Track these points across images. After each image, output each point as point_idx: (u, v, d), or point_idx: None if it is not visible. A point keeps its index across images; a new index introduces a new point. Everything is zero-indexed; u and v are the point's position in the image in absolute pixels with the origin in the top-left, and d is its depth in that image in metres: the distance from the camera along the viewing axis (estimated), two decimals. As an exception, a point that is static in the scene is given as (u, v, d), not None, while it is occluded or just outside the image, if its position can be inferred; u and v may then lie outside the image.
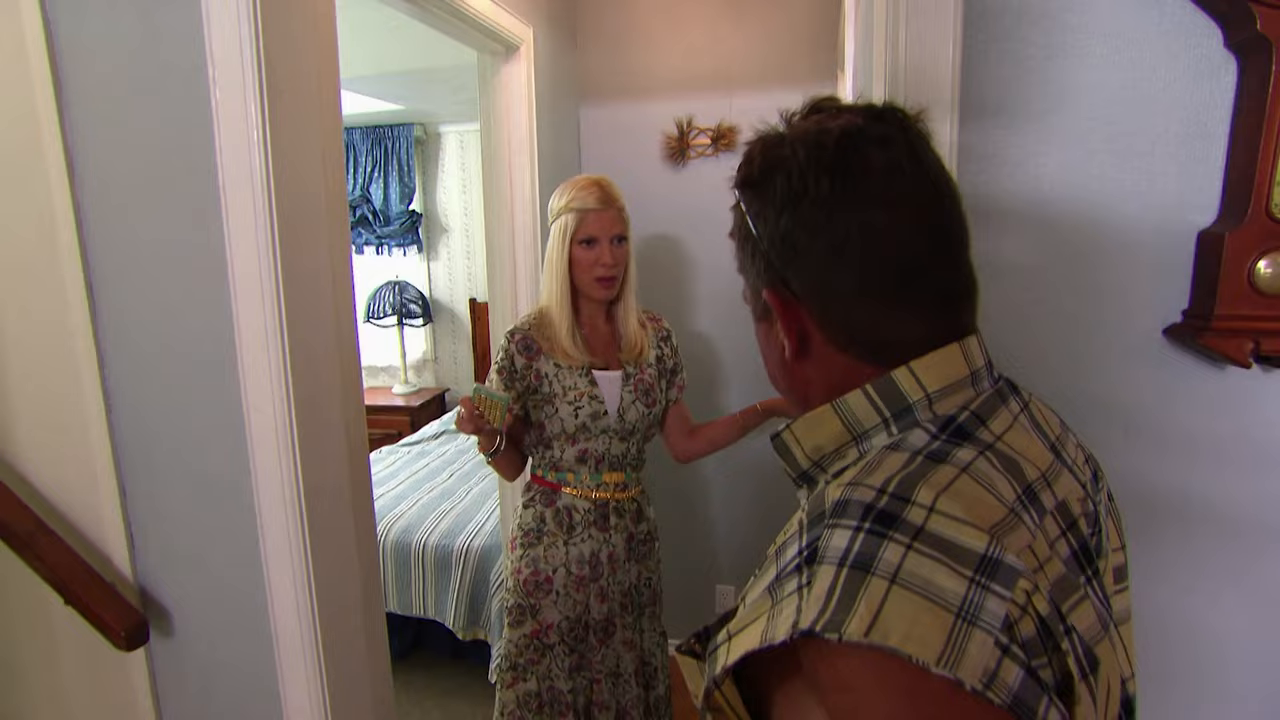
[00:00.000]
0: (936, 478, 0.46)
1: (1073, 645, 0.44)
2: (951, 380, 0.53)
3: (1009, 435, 0.53)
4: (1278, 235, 0.74)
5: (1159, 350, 0.82)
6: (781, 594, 0.46)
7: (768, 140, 0.58)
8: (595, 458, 1.58)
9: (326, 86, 1.24)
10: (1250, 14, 0.73)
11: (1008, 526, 0.45)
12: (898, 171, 0.52)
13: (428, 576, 2.50)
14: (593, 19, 2.50)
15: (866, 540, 0.43)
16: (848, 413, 0.55)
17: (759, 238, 0.57)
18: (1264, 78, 0.74)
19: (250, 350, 1.13)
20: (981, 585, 0.40)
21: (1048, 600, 0.43)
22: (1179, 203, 0.80)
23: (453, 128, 4.38)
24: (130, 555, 1.30)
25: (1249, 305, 0.76)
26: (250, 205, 1.08)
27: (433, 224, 4.55)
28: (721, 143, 2.49)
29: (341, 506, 1.30)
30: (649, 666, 1.69)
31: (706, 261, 2.55)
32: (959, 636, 0.38)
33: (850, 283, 0.53)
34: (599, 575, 1.59)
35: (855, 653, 0.39)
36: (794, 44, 2.37)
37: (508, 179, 2.11)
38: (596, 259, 1.54)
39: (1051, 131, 0.80)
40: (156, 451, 1.25)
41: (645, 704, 1.68)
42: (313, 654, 1.21)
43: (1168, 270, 0.81)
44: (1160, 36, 0.78)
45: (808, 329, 0.56)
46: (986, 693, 0.37)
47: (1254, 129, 0.75)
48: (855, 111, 0.55)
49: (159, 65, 1.11)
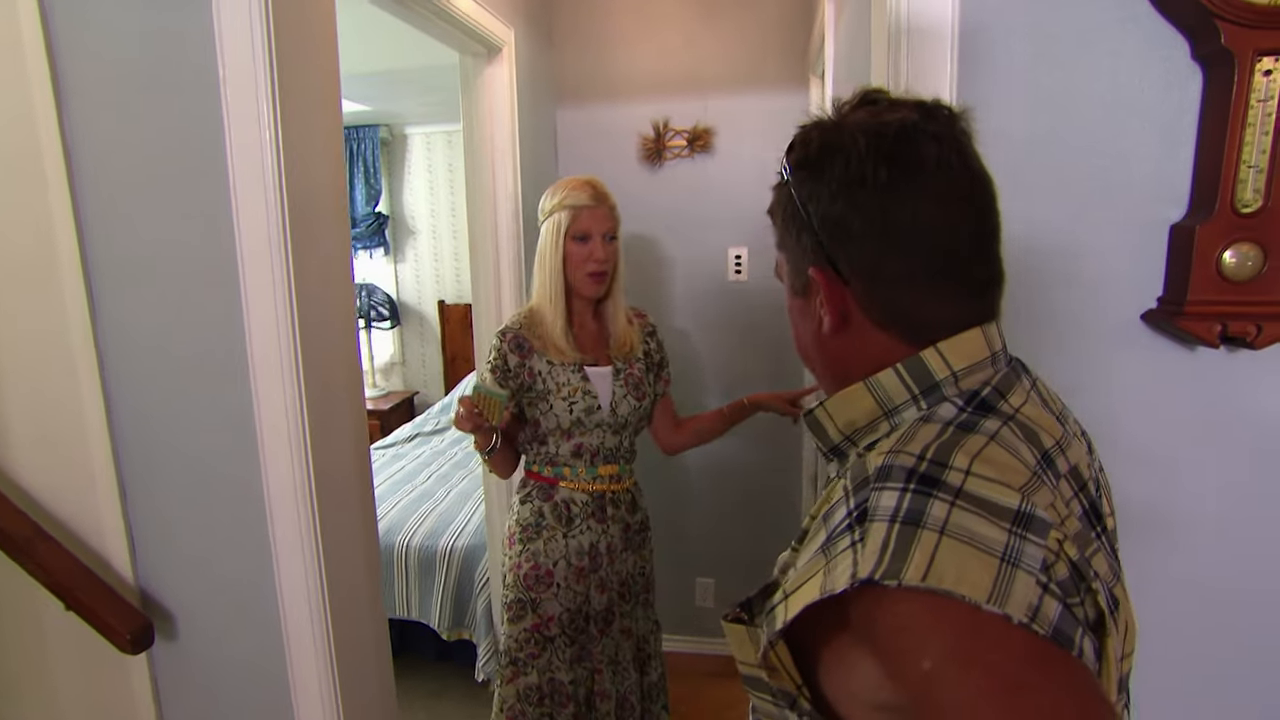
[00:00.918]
0: (969, 445, 0.51)
1: (1101, 585, 0.49)
2: (975, 360, 0.58)
3: (1025, 408, 0.58)
4: (1242, 228, 0.83)
5: (1137, 334, 0.90)
6: (835, 551, 0.50)
7: (825, 126, 0.61)
8: (590, 451, 1.62)
9: (329, 85, 1.25)
10: (1215, 29, 0.81)
11: (1033, 487, 0.50)
12: (947, 167, 0.56)
13: (411, 578, 2.49)
14: (569, 21, 2.53)
15: (914, 499, 0.48)
16: (880, 390, 0.59)
17: (809, 217, 0.60)
18: (1227, 87, 0.82)
19: (262, 348, 1.14)
20: (1019, 535, 0.45)
21: (1076, 548, 0.49)
22: (1153, 199, 0.88)
23: (419, 129, 4.35)
24: (131, 558, 1.28)
25: (1217, 291, 0.84)
26: (262, 205, 1.09)
27: (399, 226, 4.51)
28: (697, 144, 2.55)
29: (350, 500, 1.31)
30: (643, 653, 1.74)
31: (683, 260, 2.60)
32: (1004, 578, 0.43)
33: (897, 268, 0.57)
34: (598, 566, 1.62)
35: (912, 597, 0.44)
36: (766, 49, 2.44)
37: (490, 180, 2.13)
38: (589, 254, 1.58)
39: (1038, 135, 0.87)
40: (158, 452, 1.24)
41: (641, 689, 1.72)
42: (324, 646, 1.22)
43: (1144, 260, 0.89)
44: (1135, 48, 0.86)
45: (849, 308, 0.60)
46: (1031, 625, 0.42)
47: (1219, 133, 0.83)
48: (908, 106, 0.58)
49: (166, 64, 1.11)
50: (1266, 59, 0.80)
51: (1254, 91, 0.81)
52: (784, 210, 0.65)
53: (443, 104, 3.83)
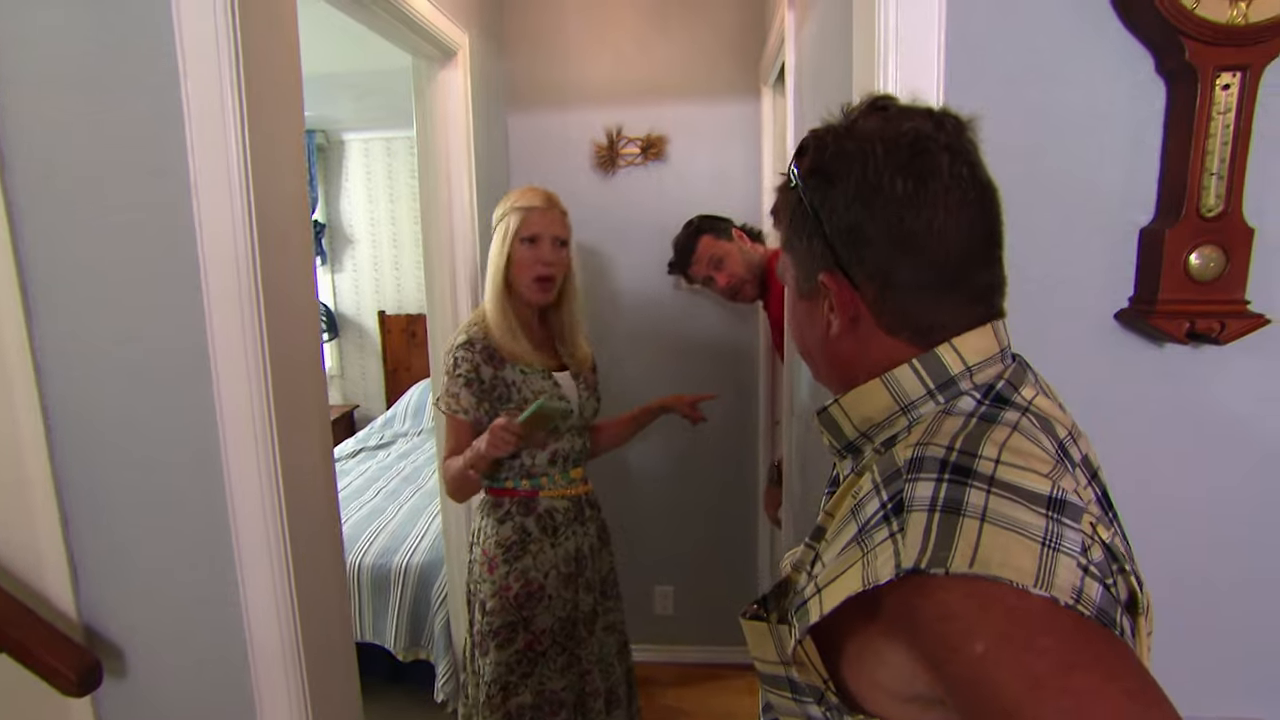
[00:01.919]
0: (995, 435, 0.52)
1: (1130, 566, 0.51)
2: (987, 355, 0.60)
3: (1038, 400, 0.60)
4: (1206, 232, 0.88)
5: (1111, 332, 0.95)
6: (873, 542, 0.50)
7: (838, 132, 0.61)
8: (564, 456, 1.60)
9: (293, 83, 1.20)
10: (1180, 46, 0.86)
11: (1059, 473, 0.51)
12: (959, 177, 0.57)
13: (364, 598, 2.39)
14: (522, 27, 2.51)
15: (950, 488, 0.48)
16: (896, 386, 0.60)
17: (822, 223, 0.61)
18: (1190, 100, 0.87)
19: (227, 360, 1.07)
20: (1056, 519, 0.47)
21: (1106, 530, 0.51)
22: (1124, 204, 0.93)
23: (357, 135, 4.22)
24: (74, 590, 1.18)
25: (1185, 291, 0.89)
26: (228, 208, 1.03)
27: (336, 235, 4.35)
28: (650, 152, 2.56)
29: (319, 519, 1.25)
30: (622, 645, 1.76)
31: (635, 267, 2.60)
32: (1048, 562, 0.44)
33: (910, 275, 0.58)
34: (584, 569, 1.61)
35: (959, 584, 0.45)
36: (719, 58, 2.48)
37: (445, 187, 2.08)
38: (537, 257, 1.55)
39: (1020, 143, 0.91)
40: (106, 474, 1.15)
41: (624, 679, 1.74)
42: (296, 676, 1.15)
43: (1116, 262, 0.94)
44: (1107, 62, 0.91)
45: (860, 312, 0.61)
46: (1077, 606, 0.43)
47: (1183, 143, 0.89)
48: (920, 114, 0.59)
49: (117, 57, 1.03)
50: (1225, 74, 0.86)
51: (1215, 104, 0.87)
52: (793, 214, 0.65)
53: (383, 109, 3.73)
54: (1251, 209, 0.89)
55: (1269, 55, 0.86)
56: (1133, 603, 0.50)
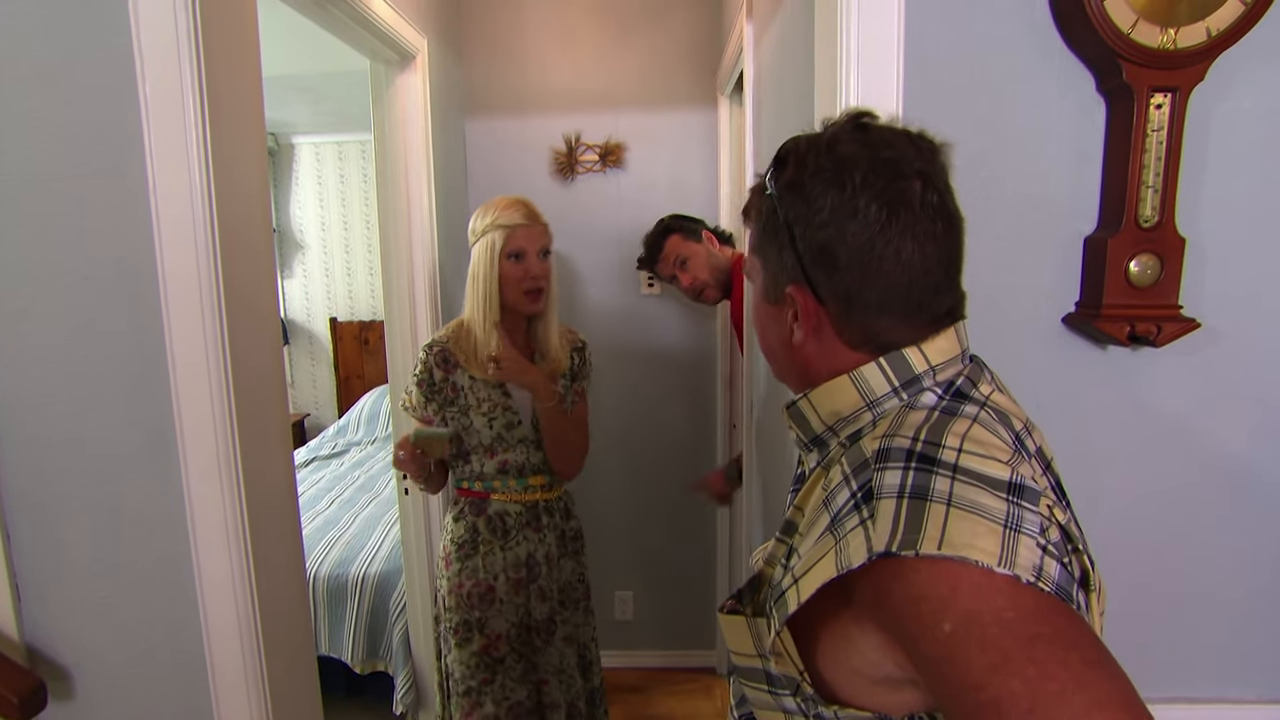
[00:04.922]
0: (956, 427, 0.56)
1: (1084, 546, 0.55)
2: (949, 356, 0.63)
3: (995, 396, 0.64)
4: (1144, 240, 0.94)
5: (1058, 335, 1.01)
6: (844, 530, 0.53)
7: (818, 148, 0.63)
8: (516, 467, 1.60)
9: (254, 84, 1.18)
10: (1118, 67, 0.92)
11: (1018, 460, 0.55)
12: (929, 205, 0.60)
13: (319, 610, 2.33)
14: (480, 34, 2.50)
15: (917, 475, 0.51)
16: (863, 383, 0.63)
17: (795, 238, 0.63)
18: (1128, 117, 0.93)
19: (186, 368, 1.04)
20: (1016, 503, 0.50)
21: (1062, 513, 0.54)
22: (1069, 214, 0.99)
23: (308, 139, 4.13)
24: (15, 609, 1.13)
25: (1126, 297, 0.95)
26: (189, 214, 1.01)
27: (286, 240, 4.25)
28: (609, 159, 2.58)
29: (281, 529, 1.22)
30: (585, 659, 1.73)
31: (595, 273, 2.61)
32: (1010, 542, 0.47)
33: (874, 297, 0.61)
34: (536, 576, 1.60)
35: (928, 565, 0.47)
36: (677, 68, 2.51)
37: (404, 192, 2.06)
38: (525, 272, 1.57)
39: (973, 154, 0.96)
40: (53, 487, 1.10)
41: (586, 695, 1.71)
42: (259, 693, 1.13)
43: (1062, 269, 1.00)
44: (1052, 80, 0.96)
45: (823, 325, 0.64)
46: (1038, 583, 0.46)
47: (1122, 157, 0.94)
48: (900, 138, 0.62)
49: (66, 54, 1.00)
50: (1158, 94, 0.92)
51: (1150, 121, 0.92)
52: (766, 220, 0.67)
53: (335, 114, 3.66)
54: (1183, 220, 0.95)
55: (1195, 78, 0.93)
56: (1085, 580, 0.54)
